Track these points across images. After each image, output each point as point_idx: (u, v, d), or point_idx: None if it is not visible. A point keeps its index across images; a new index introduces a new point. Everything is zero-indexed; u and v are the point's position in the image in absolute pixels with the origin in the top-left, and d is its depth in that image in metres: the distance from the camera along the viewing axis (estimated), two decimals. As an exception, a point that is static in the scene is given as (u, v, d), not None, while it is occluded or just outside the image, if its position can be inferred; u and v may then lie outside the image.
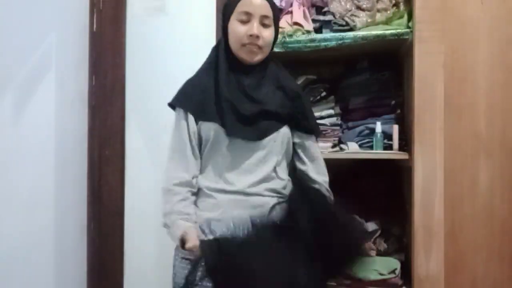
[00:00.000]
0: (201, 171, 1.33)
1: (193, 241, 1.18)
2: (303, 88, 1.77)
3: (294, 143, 1.37)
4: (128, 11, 2.06)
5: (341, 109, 1.77)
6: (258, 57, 1.31)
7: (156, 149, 2.01)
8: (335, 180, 1.95)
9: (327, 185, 1.40)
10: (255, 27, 1.27)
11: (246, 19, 1.27)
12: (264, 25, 1.29)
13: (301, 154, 1.38)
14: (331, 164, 1.93)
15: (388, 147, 1.65)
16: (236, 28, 1.29)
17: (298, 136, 1.36)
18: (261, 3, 1.28)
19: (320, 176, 1.39)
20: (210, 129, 1.29)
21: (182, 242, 1.20)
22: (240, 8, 1.28)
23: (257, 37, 1.27)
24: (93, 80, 2.04)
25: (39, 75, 1.80)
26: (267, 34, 1.30)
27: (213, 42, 1.66)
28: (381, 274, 1.56)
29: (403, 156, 1.59)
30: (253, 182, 1.28)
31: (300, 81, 1.77)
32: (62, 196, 1.90)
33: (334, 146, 1.70)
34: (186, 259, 1.27)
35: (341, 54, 1.76)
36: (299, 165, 1.38)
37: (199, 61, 1.39)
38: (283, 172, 1.34)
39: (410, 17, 1.57)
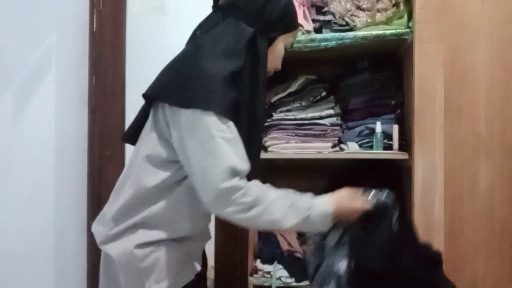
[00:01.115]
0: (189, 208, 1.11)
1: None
2: (303, 88, 1.78)
3: None
4: (128, 11, 2.06)
5: (341, 109, 1.77)
6: None
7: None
8: (335, 180, 1.96)
9: None
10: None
11: (287, 49, 1.21)
12: None
13: None
14: (331, 164, 1.94)
15: (388, 147, 1.65)
16: (280, 55, 1.18)
17: None
18: None
19: None
20: None
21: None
22: (292, 36, 1.20)
23: None
24: (93, 80, 2.04)
25: (39, 75, 1.80)
26: None
27: (213, 42, 1.66)
28: (381, 274, 1.56)
29: (403, 156, 1.59)
30: None
31: (300, 81, 1.77)
32: (62, 196, 1.90)
33: (334, 146, 1.70)
34: None
35: (341, 54, 1.77)
36: None
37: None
38: None
39: (410, 17, 1.57)
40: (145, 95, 1.13)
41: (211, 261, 1.71)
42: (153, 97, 1.11)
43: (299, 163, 1.97)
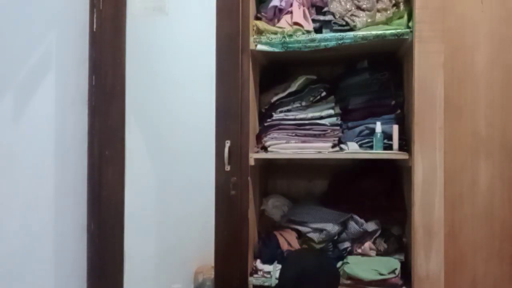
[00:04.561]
0: None
1: None
2: (303, 88, 1.78)
3: None
4: (128, 11, 2.05)
5: (341, 109, 1.77)
6: None
7: (156, 149, 2.00)
8: (335, 180, 1.97)
9: None
10: None
11: None
12: None
13: None
14: (331, 164, 1.94)
15: (388, 147, 1.65)
16: None
17: None
18: None
19: None
20: None
21: None
22: None
23: None
24: (93, 80, 2.04)
25: (39, 75, 1.80)
26: None
27: (213, 43, 1.66)
28: (381, 274, 1.56)
29: (403, 156, 1.59)
30: None
31: (300, 81, 1.78)
32: (62, 196, 1.90)
33: (334, 146, 1.70)
34: None
35: (341, 54, 1.77)
36: None
37: (199, 61, 1.38)
38: None
39: (410, 17, 1.57)
40: None
41: (211, 261, 1.71)
42: None
43: (299, 163, 1.97)
